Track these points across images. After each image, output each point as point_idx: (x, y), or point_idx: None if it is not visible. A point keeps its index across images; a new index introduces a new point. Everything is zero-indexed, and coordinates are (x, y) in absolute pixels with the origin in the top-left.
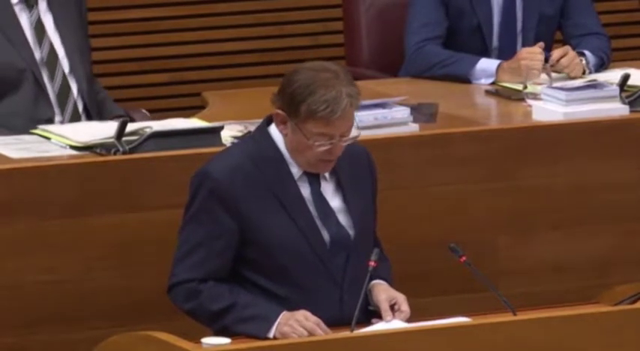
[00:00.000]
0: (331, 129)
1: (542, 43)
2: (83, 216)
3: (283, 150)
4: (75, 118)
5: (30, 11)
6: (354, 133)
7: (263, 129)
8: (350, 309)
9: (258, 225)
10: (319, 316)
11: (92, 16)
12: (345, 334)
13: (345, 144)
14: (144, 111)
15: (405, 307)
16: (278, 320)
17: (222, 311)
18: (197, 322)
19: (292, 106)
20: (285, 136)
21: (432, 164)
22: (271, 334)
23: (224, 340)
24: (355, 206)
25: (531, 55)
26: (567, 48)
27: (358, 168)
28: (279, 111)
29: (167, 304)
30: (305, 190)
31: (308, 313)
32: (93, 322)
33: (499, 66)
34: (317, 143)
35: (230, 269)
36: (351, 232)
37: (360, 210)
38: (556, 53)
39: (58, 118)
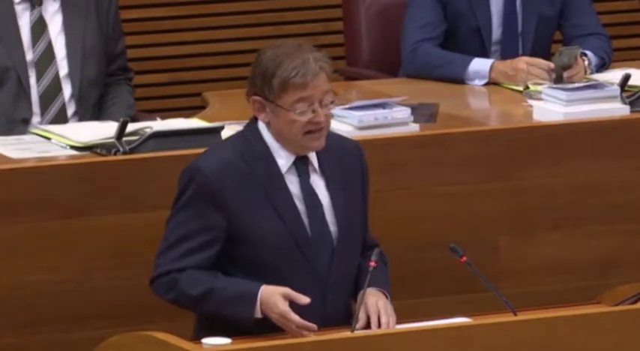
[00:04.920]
0: (307, 92)
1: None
2: (83, 216)
3: (271, 144)
4: (59, 120)
5: (32, 10)
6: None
7: (252, 125)
8: (333, 309)
9: (245, 221)
10: (302, 312)
11: None
12: (345, 334)
13: (327, 111)
14: (158, 119)
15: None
16: (259, 297)
17: (202, 296)
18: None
19: (264, 85)
20: (268, 124)
21: (432, 164)
22: (257, 315)
23: (224, 340)
24: (341, 203)
25: (532, 67)
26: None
27: (348, 163)
28: (255, 97)
29: (167, 304)
30: (294, 186)
31: (288, 311)
32: (93, 322)
33: (492, 67)
34: (298, 111)
35: (213, 264)
36: (334, 229)
37: (346, 207)
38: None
39: (36, 119)
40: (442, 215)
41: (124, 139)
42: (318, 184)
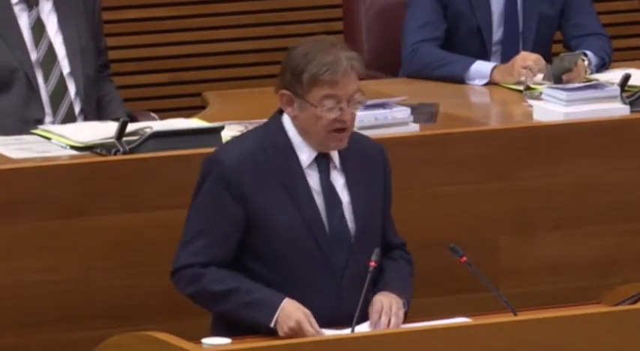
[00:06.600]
0: (336, 90)
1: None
2: (83, 216)
3: (293, 138)
4: (69, 119)
5: (30, 11)
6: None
7: (276, 118)
8: (349, 306)
9: (263, 213)
10: (317, 309)
11: None
12: (345, 334)
13: (354, 110)
14: (153, 114)
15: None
16: (281, 306)
17: (224, 293)
18: (197, 322)
19: (294, 78)
20: (294, 118)
21: (432, 164)
22: (272, 323)
23: (224, 340)
24: (361, 202)
25: (527, 60)
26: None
27: (371, 165)
28: (284, 91)
29: (167, 304)
30: (314, 180)
31: (305, 321)
32: (93, 322)
33: (494, 68)
34: (325, 107)
35: (233, 257)
36: (353, 227)
37: (366, 206)
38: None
39: (49, 119)
40: (442, 215)
41: (124, 139)
42: (339, 181)
